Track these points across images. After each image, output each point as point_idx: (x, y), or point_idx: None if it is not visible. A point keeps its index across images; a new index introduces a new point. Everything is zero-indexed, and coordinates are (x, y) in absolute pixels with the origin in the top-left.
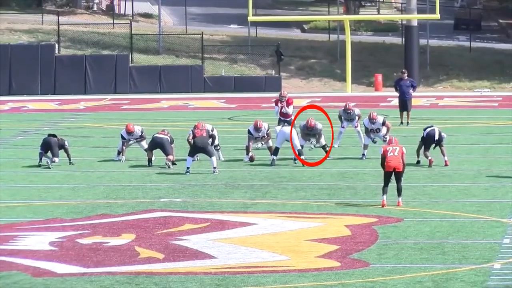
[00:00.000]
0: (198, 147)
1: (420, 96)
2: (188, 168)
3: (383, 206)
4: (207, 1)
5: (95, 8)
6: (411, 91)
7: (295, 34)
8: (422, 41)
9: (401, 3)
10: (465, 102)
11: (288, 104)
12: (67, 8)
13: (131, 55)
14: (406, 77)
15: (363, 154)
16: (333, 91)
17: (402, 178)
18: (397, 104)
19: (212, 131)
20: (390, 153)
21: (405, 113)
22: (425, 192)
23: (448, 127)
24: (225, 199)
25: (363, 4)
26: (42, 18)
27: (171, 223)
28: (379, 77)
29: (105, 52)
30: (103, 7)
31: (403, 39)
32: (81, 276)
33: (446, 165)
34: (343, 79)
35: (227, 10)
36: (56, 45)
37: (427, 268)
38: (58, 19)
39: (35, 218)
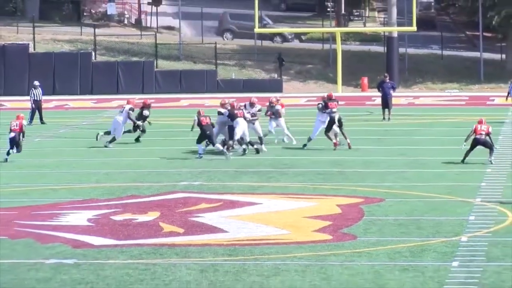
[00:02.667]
0: (206, 135)
1: (400, 96)
2: (200, 154)
3: None
4: (220, 15)
5: (125, 22)
6: (391, 91)
7: (294, 43)
8: (402, 50)
9: (384, 17)
10: (438, 101)
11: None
12: (102, 21)
13: (156, 61)
14: (388, 80)
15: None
16: (326, 91)
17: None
18: (380, 102)
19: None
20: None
21: (386, 110)
22: (404, 176)
23: (424, 122)
24: (235, 182)
25: (351, 18)
26: (81, 30)
27: (190, 202)
28: (365, 80)
29: (134, 59)
30: (133, 21)
31: (385, 48)
32: (114, 247)
33: (349, 147)
34: (334, 81)
35: None
36: (93, 53)
37: (406, 240)
38: (95, 31)
39: (75, 198)
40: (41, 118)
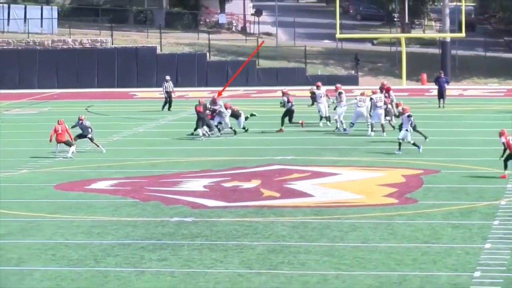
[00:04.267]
0: (203, 120)
1: (451, 89)
2: (200, 136)
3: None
4: (309, 23)
5: (233, 29)
6: (446, 85)
7: (368, 46)
8: (453, 51)
9: (439, 26)
10: (482, 93)
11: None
12: (215, 29)
13: (258, 60)
14: (443, 76)
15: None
16: (393, 85)
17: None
18: (436, 94)
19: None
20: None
21: (441, 100)
22: (455, 153)
23: (470, 109)
24: (320, 157)
25: (413, 26)
26: (198, 35)
27: (284, 173)
28: (424, 76)
29: (240, 59)
30: (239, 28)
31: (440, 50)
32: (224, 208)
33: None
34: (400, 77)
35: (321, 30)
36: (207, 54)
37: (456, 203)
38: (209, 36)
39: (193, 169)
40: (169, 106)
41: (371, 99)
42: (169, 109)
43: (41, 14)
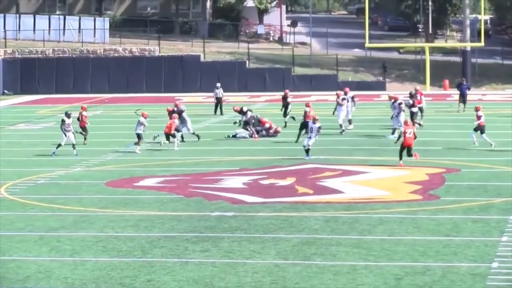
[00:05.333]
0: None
1: (472, 94)
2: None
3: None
4: (340, 33)
5: (271, 39)
6: (467, 91)
7: (394, 55)
8: (473, 60)
9: (460, 36)
10: (500, 97)
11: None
12: (254, 38)
13: (293, 68)
14: (464, 82)
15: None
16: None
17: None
18: (457, 98)
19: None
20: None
21: (462, 104)
22: (475, 153)
23: (490, 112)
24: (350, 156)
25: (436, 36)
26: (238, 45)
27: (317, 171)
28: (446, 82)
29: (277, 66)
30: (276, 38)
31: (461, 58)
32: (262, 204)
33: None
34: (424, 82)
35: (352, 40)
36: (247, 62)
37: (476, 200)
38: (248, 45)
39: (233, 168)
40: (221, 111)
41: (400, 103)
42: (221, 113)
43: (94, 25)
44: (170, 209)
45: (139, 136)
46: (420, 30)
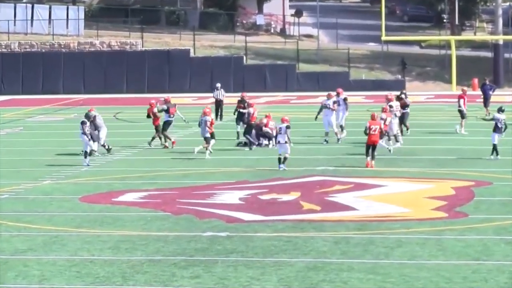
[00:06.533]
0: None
1: (505, 94)
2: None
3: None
4: (352, 25)
5: (272, 31)
6: (490, 92)
7: (415, 49)
8: (506, 55)
9: (491, 27)
10: None
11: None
12: (252, 30)
13: (298, 64)
14: (488, 82)
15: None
16: (443, 90)
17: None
18: (482, 101)
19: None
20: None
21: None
22: (508, 163)
23: None
24: (363, 167)
25: (464, 28)
26: (234, 37)
27: (326, 184)
28: (475, 81)
29: (279, 62)
30: (278, 30)
31: (493, 53)
32: (261, 222)
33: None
34: (449, 82)
35: (366, 32)
36: (244, 57)
37: (510, 218)
38: (246, 38)
39: (228, 180)
40: (221, 116)
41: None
42: (220, 118)
43: (66, 14)
44: (155, 228)
45: (206, 139)
46: (445, 20)
